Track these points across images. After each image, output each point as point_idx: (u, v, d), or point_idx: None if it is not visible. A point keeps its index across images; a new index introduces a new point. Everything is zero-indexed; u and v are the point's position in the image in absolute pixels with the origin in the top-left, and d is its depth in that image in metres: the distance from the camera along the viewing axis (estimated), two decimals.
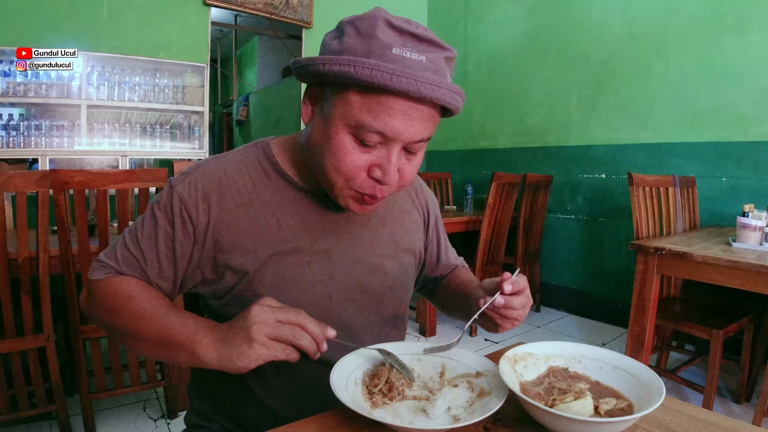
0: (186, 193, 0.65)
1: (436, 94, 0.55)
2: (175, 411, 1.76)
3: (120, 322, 0.61)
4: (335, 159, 0.59)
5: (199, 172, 0.67)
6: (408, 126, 0.57)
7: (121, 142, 2.84)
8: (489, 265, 2.73)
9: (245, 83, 5.86)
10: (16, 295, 1.43)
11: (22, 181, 1.37)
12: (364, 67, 0.52)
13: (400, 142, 0.58)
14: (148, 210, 0.67)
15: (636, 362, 0.57)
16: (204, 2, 2.99)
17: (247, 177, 0.68)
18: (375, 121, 0.55)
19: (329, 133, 0.58)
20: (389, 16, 0.56)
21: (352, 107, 0.56)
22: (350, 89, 0.56)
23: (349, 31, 0.57)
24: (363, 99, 0.55)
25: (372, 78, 0.52)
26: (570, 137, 3.19)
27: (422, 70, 0.55)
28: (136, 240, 0.65)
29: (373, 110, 0.55)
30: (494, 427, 0.52)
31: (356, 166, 0.59)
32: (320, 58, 0.56)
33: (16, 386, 1.48)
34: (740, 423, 0.53)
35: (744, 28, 2.39)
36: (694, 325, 1.73)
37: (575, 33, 3.13)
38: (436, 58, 0.57)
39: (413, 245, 0.79)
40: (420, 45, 0.56)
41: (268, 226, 0.66)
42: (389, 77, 0.52)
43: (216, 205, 0.65)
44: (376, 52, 0.54)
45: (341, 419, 0.52)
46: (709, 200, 2.51)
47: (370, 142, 0.57)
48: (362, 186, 0.60)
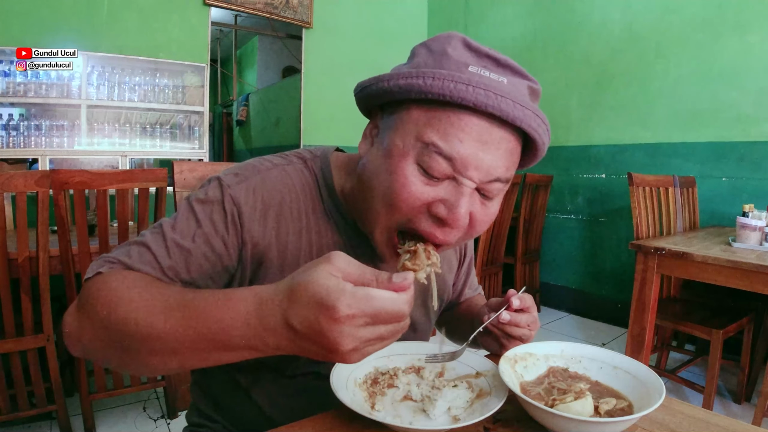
0: (242, 198, 0.55)
1: (519, 113, 0.46)
2: (175, 411, 1.76)
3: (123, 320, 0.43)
4: (391, 190, 0.49)
5: (259, 179, 0.57)
6: (483, 155, 0.47)
7: (121, 142, 2.84)
8: (489, 265, 2.73)
9: (245, 83, 5.86)
10: (16, 295, 1.43)
11: (22, 181, 1.37)
12: (435, 77, 0.45)
13: (473, 178, 0.48)
14: (185, 207, 0.55)
15: (636, 362, 0.57)
16: (204, 2, 2.99)
17: (310, 199, 0.59)
18: (443, 142, 0.46)
19: (389, 162, 0.49)
20: (467, 38, 0.49)
21: (417, 126, 0.47)
22: (415, 106, 0.48)
23: (419, 51, 0.51)
24: (430, 116, 0.47)
25: (443, 89, 0.44)
26: (570, 137, 3.19)
27: (502, 92, 0.46)
28: (162, 237, 0.53)
29: (441, 130, 0.46)
30: (494, 427, 0.52)
31: (417, 197, 0.48)
32: (385, 75, 0.49)
33: (16, 386, 1.48)
34: (740, 423, 0.52)
35: (744, 28, 2.39)
36: (694, 325, 1.73)
37: (575, 33, 3.13)
38: (519, 84, 0.49)
39: (444, 290, 0.76)
40: (500, 68, 0.48)
41: (316, 250, 0.59)
42: (464, 88, 0.44)
43: (273, 226, 0.56)
44: (448, 67, 0.47)
45: (341, 419, 0.52)
46: (709, 200, 2.51)
47: (436, 171, 0.48)
48: (419, 224, 0.50)
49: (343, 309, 0.36)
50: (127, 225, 1.53)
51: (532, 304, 0.64)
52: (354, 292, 0.37)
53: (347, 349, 0.37)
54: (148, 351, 0.43)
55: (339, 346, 0.37)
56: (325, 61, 3.56)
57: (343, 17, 3.64)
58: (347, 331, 0.37)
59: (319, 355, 0.39)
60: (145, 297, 0.45)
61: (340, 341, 0.37)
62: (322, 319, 0.37)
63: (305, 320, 0.37)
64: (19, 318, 1.44)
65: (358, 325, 0.37)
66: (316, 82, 3.53)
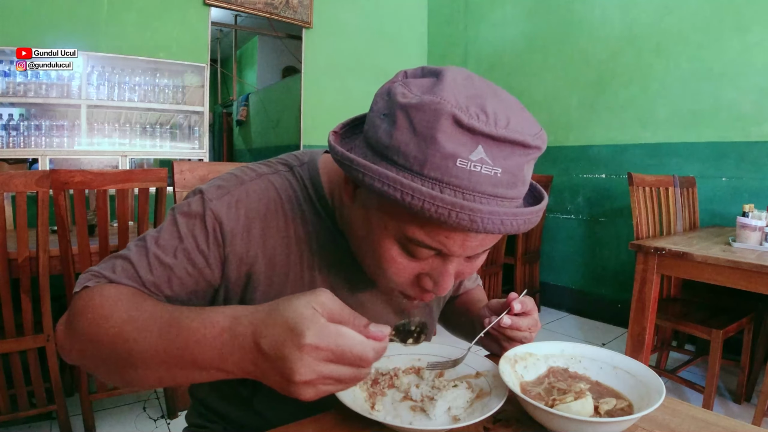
0: (224, 212, 0.54)
1: (507, 228, 0.43)
2: (175, 411, 1.76)
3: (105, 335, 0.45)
4: (378, 264, 0.50)
5: (243, 192, 0.56)
6: (468, 248, 0.47)
7: (121, 142, 2.84)
8: (489, 265, 2.73)
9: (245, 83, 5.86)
10: (16, 295, 1.43)
11: (22, 181, 1.37)
12: (414, 197, 0.41)
13: (459, 257, 0.49)
14: (169, 220, 0.55)
15: (636, 362, 0.57)
16: (204, 2, 2.99)
17: (297, 208, 0.58)
18: (429, 239, 0.46)
19: (372, 235, 0.49)
20: (458, 109, 0.41)
21: (401, 223, 0.46)
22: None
23: (401, 122, 0.43)
24: (415, 218, 0.44)
25: (423, 212, 0.41)
26: (570, 137, 3.19)
27: (494, 188, 0.42)
28: (145, 252, 0.53)
29: (427, 231, 0.45)
30: (494, 427, 0.52)
31: (404, 275, 0.50)
32: (362, 165, 0.43)
33: (16, 386, 1.48)
34: (740, 423, 0.52)
35: (744, 28, 2.39)
36: (694, 325, 1.73)
37: (575, 33, 3.13)
38: (516, 167, 0.43)
39: None
40: (497, 149, 0.42)
41: (309, 273, 0.58)
42: (446, 213, 0.41)
43: (258, 238, 0.55)
44: (433, 164, 0.41)
45: (341, 419, 0.52)
46: (709, 200, 2.51)
47: (422, 256, 0.48)
48: (409, 291, 0.52)
49: (309, 337, 0.36)
50: (127, 225, 1.53)
51: (533, 307, 0.64)
52: (325, 325, 0.38)
53: (302, 379, 0.37)
54: (128, 365, 0.44)
55: (295, 375, 0.37)
56: (325, 61, 3.56)
57: (343, 17, 3.64)
58: (307, 361, 0.37)
59: (277, 383, 0.39)
60: (126, 314, 0.46)
61: (297, 369, 0.37)
62: (287, 343, 0.37)
63: (272, 342, 0.38)
64: (19, 318, 1.44)
65: (319, 359, 0.37)
66: (316, 82, 3.53)
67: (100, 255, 1.51)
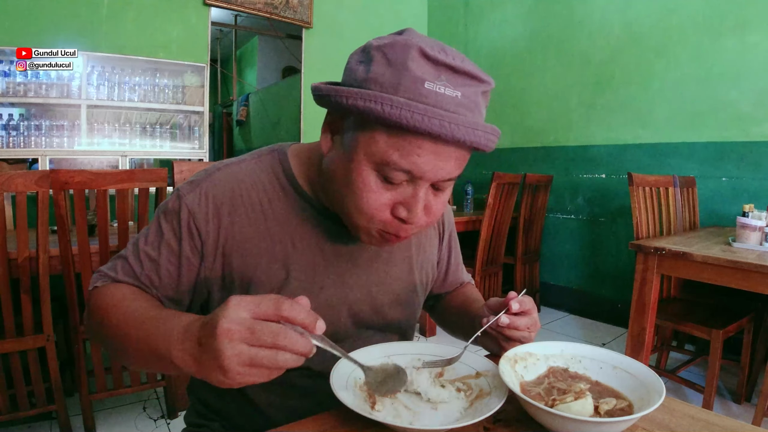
0: (196, 205, 0.61)
1: (471, 137, 0.50)
2: (175, 411, 1.76)
3: (108, 330, 0.55)
4: (357, 197, 0.55)
5: (210, 182, 0.62)
6: (438, 166, 0.52)
7: (121, 142, 2.84)
8: (489, 265, 2.73)
9: (245, 83, 5.86)
10: (16, 295, 1.43)
11: (22, 181, 1.37)
12: (393, 105, 0.48)
13: (428, 181, 0.54)
14: (155, 218, 0.63)
15: (636, 362, 0.57)
16: (204, 2, 2.99)
17: (262, 190, 0.63)
18: (402, 160, 0.51)
19: (350, 168, 0.54)
20: (424, 44, 0.50)
21: (378, 145, 0.52)
22: (376, 126, 0.51)
23: (377, 58, 0.51)
24: (390, 137, 0.51)
25: (401, 119, 0.48)
26: (570, 137, 3.19)
27: (456, 107, 0.50)
28: (136, 250, 0.62)
29: (400, 149, 0.51)
30: (494, 427, 0.52)
31: (380, 204, 0.55)
32: (344, 91, 0.51)
33: (16, 386, 1.48)
34: (740, 423, 0.53)
35: (744, 28, 2.39)
36: (694, 325, 1.73)
37: (575, 33, 3.13)
38: (473, 93, 0.52)
39: (426, 264, 0.77)
40: (456, 78, 0.51)
41: (281, 247, 0.62)
42: (420, 118, 0.48)
43: (227, 220, 0.61)
44: (406, 87, 0.49)
45: (341, 419, 0.52)
46: (709, 200, 2.51)
47: (395, 180, 0.53)
48: (386, 225, 0.56)
49: (222, 323, 0.42)
50: (127, 225, 1.53)
51: (533, 307, 0.64)
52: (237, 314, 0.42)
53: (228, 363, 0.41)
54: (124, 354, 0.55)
55: (222, 359, 0.41)
56: (325, 61, 3.56)
57: (343, 17, 3.64)
58: (225, 343, 0.41)
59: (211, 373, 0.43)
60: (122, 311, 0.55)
61: (223, 351, 0.41)
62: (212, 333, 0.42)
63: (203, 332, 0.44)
64: (19, 318, 1.44)
65: (235, 339, 0.41)
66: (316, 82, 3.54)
67: (100, 255, 1.51)
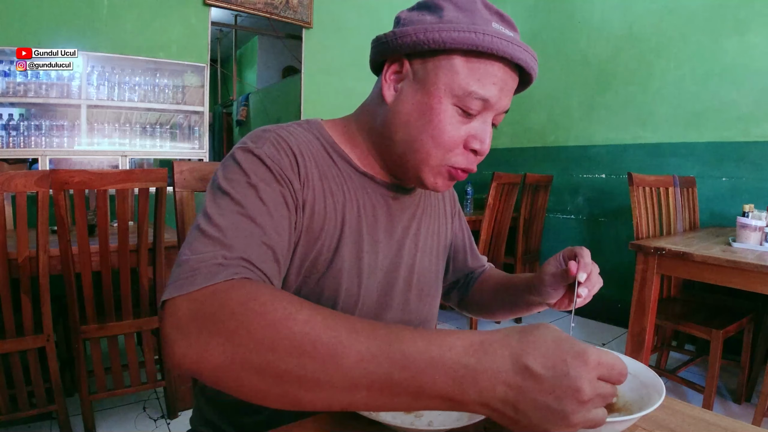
0: (274, 153, 0.56)
1: (531, 62, 0.57)
2: (175, 411, 1.76)
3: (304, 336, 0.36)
4: (438, 131, 0.57)
5: (274, 134, 0.59)
6: (506, 94, 0.58)
7: (121, 142, 2.84)
8: None
9: (245, 83, 5.86)
10: (16, 295, 1.43)
11: (22, 181, 1.36)
12: (485, 33, 0.53)
13: (495, 112, 0.58)
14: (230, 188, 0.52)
15: (636, 362, 0.57)
16: (204, 2, 2.99)
17: (316, 151, 0.62)
18: (482, 88, 0.56)
19: (430, 104, 0.57)
20: None
21: (459, 75, 0.55)
22: (454, 57, 0.55)
23: (447, 7, 0.57)
24: (470, 66, 0.55)
25: (492, 44, 0.53)
26: (570, 137, 3.19)
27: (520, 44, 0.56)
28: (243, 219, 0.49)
29: (480, 78, 0.55)
30: (494, 427, 0.52)
31: (458, 136, 0.58)
32: (434, 26, 0.55)
33: (16, 386, 1.48)
34: (740, 423, 0.52)
35: (744, 28, 2.39)
36: (694, 325, 1.72)
37: (575, 33, 3.13)
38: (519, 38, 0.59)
39: (448, 236, 0.81)
40: (508, 24, 0.58)
41: (339, 208, 0.62)
42: (506, 44, 0.54)
43: (303, 173, 0.58)
44: (480, 25, 0.55)
45: (341, 419, 0.52)
46: (709, 200, 2.51)
47: (473, 109, 0.57)
48: (458, 159, 0.59)
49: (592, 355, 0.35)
50: (127, 225, 1.53)
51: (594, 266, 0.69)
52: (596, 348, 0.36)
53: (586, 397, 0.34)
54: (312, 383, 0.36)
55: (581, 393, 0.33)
56: (325, 61, 3.56)
57: (343, 17, 3.64)
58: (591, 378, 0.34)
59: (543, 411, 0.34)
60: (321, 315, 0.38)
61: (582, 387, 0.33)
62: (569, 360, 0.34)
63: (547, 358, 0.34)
64: (19, 318, 1.44)
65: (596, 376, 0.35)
66: (316, 82, 3.53)
67: (101, 255, 1.51)
